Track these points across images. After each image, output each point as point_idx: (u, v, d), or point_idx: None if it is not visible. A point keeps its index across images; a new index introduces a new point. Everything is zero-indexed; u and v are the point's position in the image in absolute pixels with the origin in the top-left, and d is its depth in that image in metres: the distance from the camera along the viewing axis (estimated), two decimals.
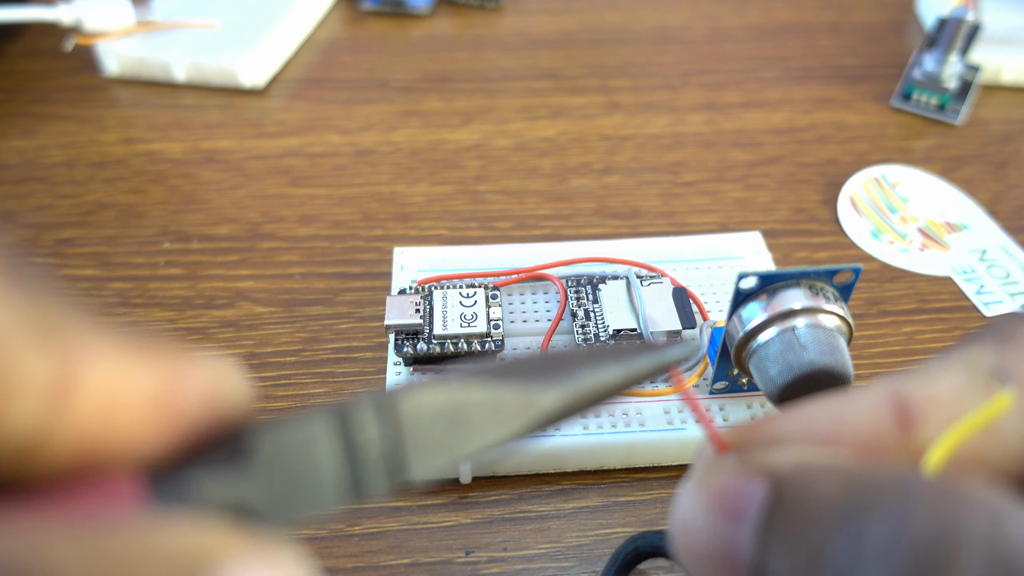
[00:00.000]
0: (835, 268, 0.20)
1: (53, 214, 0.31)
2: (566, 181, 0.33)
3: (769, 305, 0.20)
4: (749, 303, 0.21)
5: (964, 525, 0.10)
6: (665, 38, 0.41)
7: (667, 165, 0.34)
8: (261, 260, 0.29)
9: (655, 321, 0.24)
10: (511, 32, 0.42)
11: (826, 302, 0.20)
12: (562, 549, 0.22)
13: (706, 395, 0.23)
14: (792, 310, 0.20)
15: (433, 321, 0.24)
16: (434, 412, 0.11)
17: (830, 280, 0.21)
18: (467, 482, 0.23)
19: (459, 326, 0.24)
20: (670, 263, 0.28)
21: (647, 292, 0.25)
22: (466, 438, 0.11)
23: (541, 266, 0.27)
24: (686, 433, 0.22)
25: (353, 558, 0.22)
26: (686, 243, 0.28)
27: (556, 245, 0.28)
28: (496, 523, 0.22)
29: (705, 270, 0.28)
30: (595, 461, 0.23)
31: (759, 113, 0.36)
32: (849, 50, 0.40)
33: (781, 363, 0.20)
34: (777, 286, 0.21)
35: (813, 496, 0.11)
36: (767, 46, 0.40)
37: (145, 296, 0.28)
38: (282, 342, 0.27)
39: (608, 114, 0.36)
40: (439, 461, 0.11)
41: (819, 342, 0.20)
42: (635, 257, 0.27)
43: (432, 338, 0.24)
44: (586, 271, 0.27)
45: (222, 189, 0.32)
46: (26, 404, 0.09)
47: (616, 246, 0.28)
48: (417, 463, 0.11)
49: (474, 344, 0.24)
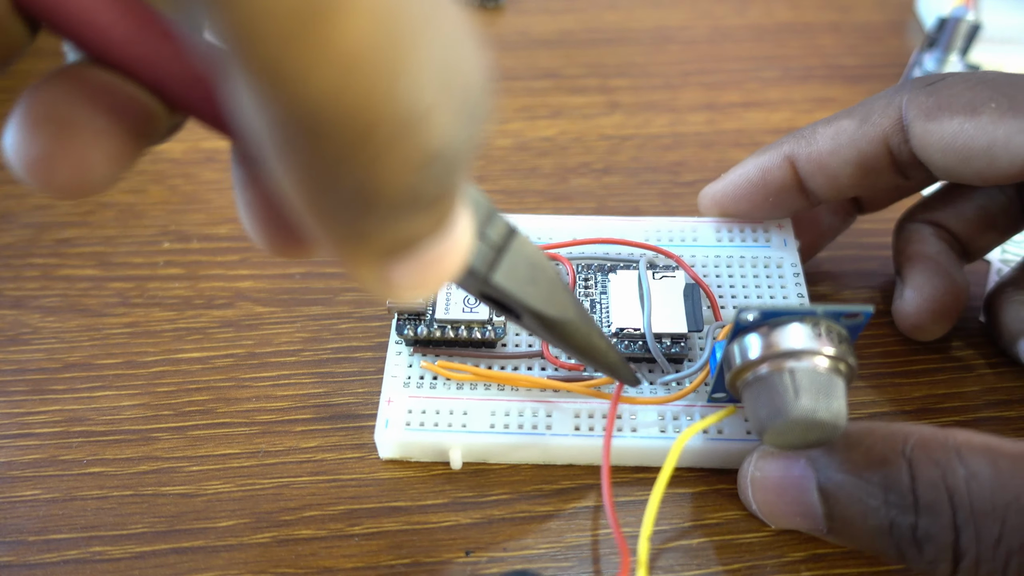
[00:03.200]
0: (844, 309, 0.19)
1: (53, 214, 0.31)
2: (566, 181, 0.33)
3: (767, 341, 0.19)
4: (749, 334, 0.20)
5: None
6: (665, 38, 0.41)
7: (667, 165, 0.34)
8: (261, 260, 0.29)
9: (661, 321, 0.24)
10: (511, 32, 0.42)
11: (828, 344, 0.19)
12: (562, 549, 0.22)
13: (704, 402, 0.23)
14: (789, 351, 0.19)
15: (436, 304, 0.24)
16: (526, 260, 0.16)
17: (838, 320, 0.19)
18: (457, 467, 0.23)
19: (461, 311, 0.24)
20: (690, 248, 0.27)
21: (657, 287, 0.24)
22: (526, 289, 0.16)
23: (552, 245, 0.27)
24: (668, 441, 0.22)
25: (353, 558, 0.22)
26: (710, 228, 0.27)
27: (576, 219, 0.28)
28: (496, 523, 0.22)
29: (726, 258, 0.26)
30: (585, 458, 0.23)
31: (759, 113, 0.36)
32: (849, 50, 0.40)
33: (770, 406, 0.19)
34: (780, 320, 0.19)
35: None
36: (767, 46, 0.40)
37: (145, 296, 0.28)
38: (282, 342, 0.27)
39: (608, 114, 0.36)
40: (506, 282, 0.16)
41: (813, 389, 0.18)
42: (656, 238, 0.27)
43: (433, 321, 0.24)
44: (601, 252, 0.26)
45: (222, 189, 0.32)
46: None
47: (637, 224, 0.27)
48: (499, 273, 0.16)
49: (474, 331, 0.24)
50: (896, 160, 0.23)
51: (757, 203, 0.26)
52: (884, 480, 0.18)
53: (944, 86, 0.22)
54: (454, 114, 0.10)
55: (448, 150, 0.10)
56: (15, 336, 0.27)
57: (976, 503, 0.17)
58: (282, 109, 0.09)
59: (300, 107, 0.09)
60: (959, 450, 0.18)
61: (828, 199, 0.25)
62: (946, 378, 0.26)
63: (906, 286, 0.26)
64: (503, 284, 0.16)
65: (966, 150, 0.22)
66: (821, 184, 0.24)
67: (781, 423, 0.18)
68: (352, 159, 0.09)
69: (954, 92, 0.22)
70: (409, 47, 0.09)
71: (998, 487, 0.17)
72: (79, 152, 0.12)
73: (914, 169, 0.23)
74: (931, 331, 0.25)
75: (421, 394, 0.23)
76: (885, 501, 0.18)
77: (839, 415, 0.18)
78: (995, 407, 0.25)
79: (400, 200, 0.10)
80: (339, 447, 0.24)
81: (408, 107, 0.09)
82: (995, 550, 0.17)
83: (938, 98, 0.22)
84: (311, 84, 0.08)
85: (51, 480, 0.23)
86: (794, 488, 0.20)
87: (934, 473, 0.18)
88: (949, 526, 0.17)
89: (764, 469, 0.21)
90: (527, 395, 0.23)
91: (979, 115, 0.21)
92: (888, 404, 0.25)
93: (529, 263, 0.16)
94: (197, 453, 0.24)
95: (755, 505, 0.21)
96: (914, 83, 0.23)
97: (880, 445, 0.19)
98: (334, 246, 0.11)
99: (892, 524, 0.18)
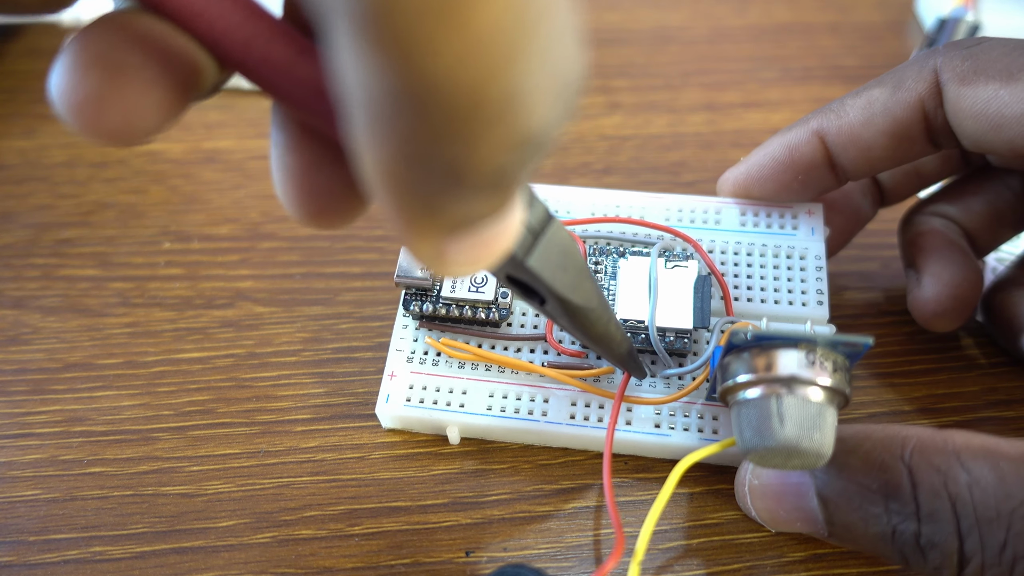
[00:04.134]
0: (841, 339, 0.18)
1: (54, 214, 0.31)
2: (566, 181, 0.33)
3: (759, 363, 0.19)
4: (743, 352, 0.19)
5: None
6: (665, 38, 0.41)
7: (667, 165, 0.34)
8: (261, 260, 0.29)
9: (667, 315, 0.23)
10: None
11: (821, 373, 0.18)
12: (562, 549, 0.22)
13: (703, 400, 0.23)
14: (780, 377, 0.18)
15: (443, 281, 0.24)
16: (559, 246, 0.17)
17: (835, 348, 0.19)
18: (456, 442, 0.23)
19: (467, 290, 0.24)
20: (712, 231, 0.26)
21: (668, 277, 0.24)
22: (556, 275, 0.17)
23: (569, 222, 0.26)
24: (671, 439, 0.23)
25: (353, 558, 0.22)
26: (735, 211, 0.26)
27: (597, 192, 0.27)
28: (496, 523, 0.22)
29: (747, 245, 0.25)
30: (580, 444, 0.23)
31: (759, 113, 0.36)
32: (849, 50, 0.40)
33: (755, 429, 0.18)
34: (774, 344, 0.19)
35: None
36: (767, 46, 0.40)
37: (145, 296, 0.28)
38: (282, 342, 0.27)
39: (608, 114, 0.36)
40: (540, 267, 0.16)
41: (799, 418, 0.18)
42: (678, 218, 0.26)
43: (439, 299, 0.24)
44: (618, 231, 0.26)
45: (222, 189, 0.32)
46: None
47: (659, 201, 0.27)
48: (534, 258, 0.16)
49: (478, 311, 0.24)
50: (931, 127, 0.22)
51: (784, 183, 0.25)
52: (884, 487, 0.18)
53: (981, 50, 0.22)
54: (552, 101, 0.10)
55: (540, 135, 0.10)
56: (16, 336, 0.27)
57: (980, 510, 0.17)
58: (400, 79, 0.09)
59: (420, 80, 0.09)
60: (959, 454, 0.18)
61: (859, 175, 0.24)
62: (945, 378, 0.26)
63: (923, 275, 0.25)
64: (536, 268, 0.16)
65: (999, 117, 0.21)
66: (853, 158, 0.23)
67: (763, 448, 0.18)
68: (454, 134, 0.10)
69: (991, 57, 0.21)
70: (530, 34, 0.09)
71: (1002, 493, 0.17)
72: (130, 97, 0.12)
73: (946, 138, 0.23)
74: (951, 320, 0.25)
75: (423, 370, 0.24)
76: (886, 508, 0.18)
77: (823, 446, 0.18)
78: (994, 407, 0.25)
79: (486, 179, 0.10)
80: (339, 447, 0.24)
81: (516, 89, 0.09)
82: (1001, 555, 0.17)
83: (974, 62, 0.21)
84: (439, 60, 0.09)
85: (51, 480, 0.23)
86: (793, 495, 0.20)
87: (935, 480, 0.17)
88: (953, 533, 0.17)
89: (762, 477, 0.21)
90: (526, 379, 0.24)
91: (1015, 81, 0.20)
92: (887, 404, 0.25)
93: (561, 250, 0.17)
94: (197, 453, 0.24)
95: (754, 512, 0.21)
96: (949, 46, 0.22)
97: (879, 450, 0.18)
98: (403, 217, 0.11)
99: (895, 531, 0.18)
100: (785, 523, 0.20)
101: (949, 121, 0.22)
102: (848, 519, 0.19)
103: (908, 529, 0.18)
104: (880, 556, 0.19)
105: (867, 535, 0.18)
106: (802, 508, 0.20)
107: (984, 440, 0.18)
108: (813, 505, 0.19)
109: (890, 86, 0.23)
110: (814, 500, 0.19)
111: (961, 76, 0.21)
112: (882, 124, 0.23)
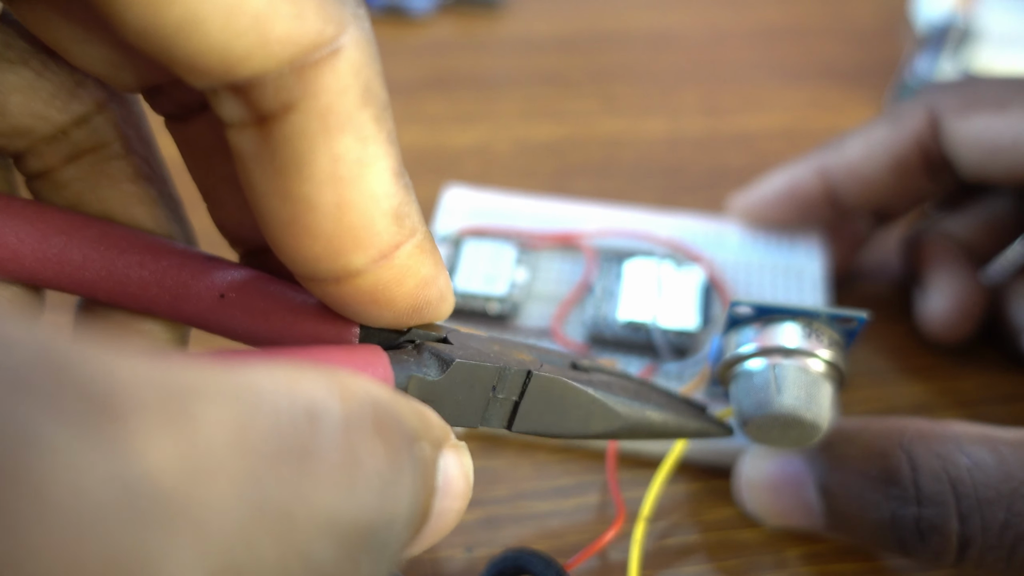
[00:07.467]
0: (838, 313, 0.19)
1: None
2: (565, 184, 0.33)
3: (758, 336, 0.19)
4: (743, 328, 0.20)
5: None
6: (663, 42, 0.41)
7: (665, 168, 0.34)
8: None
9: (669, 316, 0.24)
10: (511, 36, 0.42)
11: (819, 345, 0.19)
12: (562, 547, 0.22)
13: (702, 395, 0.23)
14: (778, 347, 0.19)
15: (455, 275, 0.24)
16: (546, 397, 0.16)
17: (831, 323, 0.19)
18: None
19: (479, 285, 0.24)
20: (713, 248, 0.27)
21: (673, 279, 0.24)
22: (558, 423, 0.16)
23: (576, 234, 0.27)
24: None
25: None
26: (735, 230, 0.27)
27: (603, 210, 0.28)
28: (496, 521, 0.22)
29: (744, 263, 0.26)
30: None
31: (756, 116, 0.37)
32: (844, 53, 0.40)
33: (754, 399, 0.19)
34: (773, 317, 0.19)
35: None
36: (763, 50, 0.41)
37: None
38: None
39: (607, 117, 0.37)
40: (528, 426, 0.16)
41: (797, 387, 0.18)
42: (680, 235, 0.27)
43: None
44: (627, 244, 0.26)
45: None
46: None
47: (662, 221, 0.27)
48: (519, 423, 0.16)
49: (487, 306, 0.24)
50: (928, 161, 0.24)
51: (786, 215, 0.26)
52: (884, 474, 0.18)
53: (973, 85, 0.23)
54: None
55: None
56: None
57: (981, 491, 0.17)
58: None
59: None
60: (959, 440, 0.18)
61: (859, 208, 0.26)
62: (944, 376, 0.26)
63: (930, 290, 0.26)
64: (525, 429, 0.16)
65: (993, 146, 0.22)
66: (854, 192, 0.25)
67: (762, 418, 0.18)
68: None
69: (983, 90, 0.23)
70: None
71: (1002, 474, 0.17)
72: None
73: (944, 172, 0.24)
74: (959, 332, 0.25)
75: None
76: (886, 495, 0.18)
77: (821, 416, 0.18)
78: (993, 404, 0.25)
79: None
80: None
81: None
82: (1001, 536, 0.17)
83: (968, 96, 0.23)
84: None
85: None
86: (791, 486, 0.20)
87: (936, 464, 0.18)
88: (953, 515, 0.17)
89: (760, 469, 0.21)
90: None
91: (1007, 111, 0.22)
92: (886, 402, 0.25)
93: (551, 399, 0.16)
94: None
95: (751, 505, 0.21)
96: (942, 85, 0.24)
97: (878, 439, 0.19)
98: None
99: (894, 516, 0.18)
100: (782, 516, 0.21)
101: (946, 153, 0.23)
102: (848, 508, 0.19)
103: (908, 514, 0.18)
104: (878, 546, 0.19)
105: (866, 524, 0.19)
106: (800, 499, 0.20)
107: (982, 428, 0.18)
108: (811, 496, 0.20)
109: (888, 124, 0.24)
110: (812, 491, 0.20)
111: (956, 110, 0.23)
112: (881, 159, 0.24)
